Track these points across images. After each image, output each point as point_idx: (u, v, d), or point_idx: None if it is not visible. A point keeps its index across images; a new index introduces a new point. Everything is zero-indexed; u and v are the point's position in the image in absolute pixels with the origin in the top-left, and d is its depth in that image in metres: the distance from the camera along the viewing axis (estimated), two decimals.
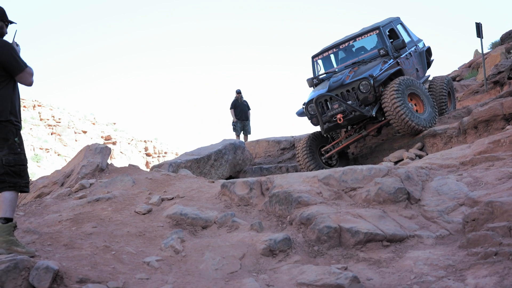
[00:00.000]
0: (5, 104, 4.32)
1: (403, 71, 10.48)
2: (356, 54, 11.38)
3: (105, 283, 4.00)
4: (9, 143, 4.31)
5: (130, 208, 6.26)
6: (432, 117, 9.80)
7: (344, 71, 10.60)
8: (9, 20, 4.58)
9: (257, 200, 6.28)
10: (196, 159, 11.36)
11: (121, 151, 56.12)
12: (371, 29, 11.07)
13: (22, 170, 4.37)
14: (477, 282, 3.66)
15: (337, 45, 11.51)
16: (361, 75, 9.79)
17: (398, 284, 4.00)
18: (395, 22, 11.63)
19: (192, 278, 4.38)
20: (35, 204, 6.86)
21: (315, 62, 11.75)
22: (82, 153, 8.99)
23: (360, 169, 6.28)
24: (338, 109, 9.71)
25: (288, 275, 4.35)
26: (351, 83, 9.76)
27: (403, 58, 10.90)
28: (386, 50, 10.40)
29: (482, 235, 4.30)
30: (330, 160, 10.74)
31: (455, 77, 25.04)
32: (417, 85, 9.81)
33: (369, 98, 9.64)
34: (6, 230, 4.21)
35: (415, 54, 11.79)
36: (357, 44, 11.40)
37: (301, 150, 10.66)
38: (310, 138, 10.82)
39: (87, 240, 5.03)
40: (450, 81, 12.73)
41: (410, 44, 11.81)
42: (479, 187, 5.79)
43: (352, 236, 4.91)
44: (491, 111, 9.32)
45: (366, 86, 9.54)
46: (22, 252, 4.16)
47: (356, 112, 9.59)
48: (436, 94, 12.06)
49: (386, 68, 10.01)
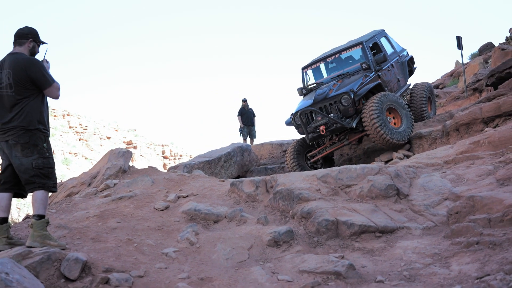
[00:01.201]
0: (34, 115, 4.41)
1: (383, 84, 10.38)
2: (343, 64, 11.32)
3: (128, 272, 4.01)
4: (38, 149, 4.39)
5: (150, 205, 6.26)
6: (408, 131, 9.74)
7: (329, 83, 10.57)
8: (41, 41, 4.68)
9: (263, 197, 6.28)
10: (208, 161, 11.38)
11: (141, 155, 56.11)
12: (355, 44, 10.99)
13: (50, 172, 4.45)
14: (461, 268, 3.64)
15: (324, 58, 11.47)
16: (343, 89, 9.74)
17: (389, 270, 3.99)
18: (378, 36, 11.52)
19: (205, 267, 4.38)
20: (65, 203, 6.88)
21: (304, 73, 11.68)
22: (107, 156, 9.01)
23: (354, 168, 6.27)
24: (321, 121, 9.70)
25: (291, 264, 4.34)
26: (333, 96, 9.72)
27: (385, 70, 10.81)
28: (368, 64, 10.34)
29: (464, 226, 4.29)
30: (315, 164, 10.70)
31: (438, 85, 24.97)
32: (395, 100, 9.73)
33: (350, 111, 9.62)
34: (39, 225, 4.28)
35: (397, 65, 11.67)
36: (344, 55, 11.36)
37: (289, 154, 10.65)
38: (297, 144, 10.78)
39: (111, 234, 5.04)
40: (430, 87, 12.56)
41: (393, 56, 11.67)
42: (461, 183, 5.78)
43: (348, 228, 4.90)
44: (471, 115, 9.29)
45: (347, 100, 9.52)
46: (54, 245, 4.21)
47: (338, 124, 9.57)
48: (417, 100, 11.90)
49: (367, 81, 9.94)
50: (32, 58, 4.50)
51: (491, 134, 7.22)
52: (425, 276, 3.73)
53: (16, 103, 4.38)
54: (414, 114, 11.91)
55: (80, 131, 54.52)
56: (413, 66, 12.73)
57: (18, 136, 4.35)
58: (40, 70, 4.41)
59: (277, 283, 3.92)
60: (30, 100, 4.41)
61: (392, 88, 11.04)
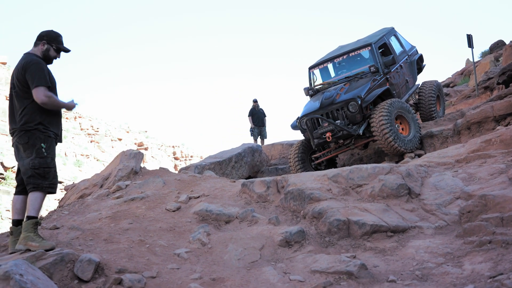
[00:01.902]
0: (34, 115, 4.37)
1: (391, 87, 10.21)
2: (351, 63, 11.07)
3: (140, 273, 4.03)
4: (36, 148, 4.35)
5: (161, 206, 6.28)
6: (416, 139, 9.56)
7: (337, 86, 10.36)
8: (59, 46, 4.61)
9: (274, 197, 6.27)
10: (219, 162, 11.38)
11: (152, 156, 56.28)
12: (363, 45, 10.76)
13: (46, 172, 4.37)
14: (474, 267, 3.62)
15: (332, 58, 11.23)
16: (350, 95, 9.56)
17: (402, 270, 3.97)
18: (388, 35, 11.30)
19: (217, 267, 4.39)
20: (78, 204, 6.92)
21: (311, 73, 11.46)
22: (118, 158, 9.04)
23: (365, 167, 6.25)
24: (327, 127, 9.52)
25: (303, 264, 4.34)
26: (340, 102, 9.53)
27: (393, 72, 10.62)
28: (376, 67, 10.16)
29: (477, 225, 4.26)
30: (319, 166, 10.57)
31: (449, 83, 24.83)
32: (405, 107, 9.56)
33: (357, 118, 9.43)
34: (25, 227, 4.23)
35: (406, 65, 11.49)
36: (353, 55, 11.09)
37: (293, 155, 10.48)
38: (301, 145, 10.61)
39: (124, 235, 5.06)
40: (439, 85, 12.38)
41: (402, 55, 11.48)
42: (473, 182, 5.74)
43: (359, 228, 4.89)
44: (482, 113, 9.24)
45: (354, 106, 9.33)
46: (36, 247, 4.11)
47: (344, 131, 9.42)
48: (426, 99, 11.76)
49: (375, 86, 9.76)
50: (34, 59, 4.43)
51: (503, 132, 7.17)
52: (437, 275, 3.71)
53: (21, 103, 4.38)
54: (423, 113, 11.77)
55: (91, 133, 54.84)
56: (422, 64, 12.55)
57: (20, 137, 4.36)
58: (34, 71, 4.34)
59: (289, 283, 3.92)
60: (30, 100, 4.37)
61: (401, 91, 10.82)
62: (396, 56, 10.83)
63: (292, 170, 10.51)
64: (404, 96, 10.94)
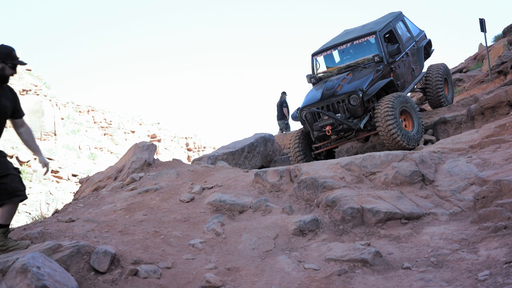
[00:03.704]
0: None
1: (395, 78, 9.97)
2: (356, 51, 10.77)
3: (156, 264, 4.06)
4: None
5: (175, 197, 6.31)
6: (418, 136, 9.30)
7: (339, 76, 10.07)
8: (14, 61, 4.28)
9: (287, 186, 6.27)
10: (232, 152, 11.38)
11: (165, 147, 56.54)
12: (368, 32, 10.43)
13: None
14: (489, 253, 3.60)
15: (336, 45, 10.90)
16: (352, 87, 9.32)
17: (416, 257, 3.96)
18: (394, 21, 10.95)
19: (232, 257, 4.41)
20: (93, 197, 6.97)
21: (314, 60, 11.14)
22: (132, 150, 9.08)
23: (379, 155, 6.22)
24: (327, 121, 9.31)
25: (317, 252, 4.34)
26: (341, 95, 9.28)
27: (399, 61, 10.35)
28: (380, 57, 9.85)
29: (492, 211, 4.23)
30: (319, 156, 10.36)
31: (462, 68, 24.55)
32: (409, 102, 9.30)
33: (358, 111, 9.19)
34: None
35: (413, 52, 11.19)
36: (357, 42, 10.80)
37: (293, 144, 10.26)
38: (302, 134, 10.36)
39: (139, 226, 5.10)
40: (446, 68, 12.00)
41: (409, 42, 11.18)
42: (488, 168, 5.69)
43: (373, 216, 4.88)
44: (496, 98, 9.14)
45: (355, 99, 9.07)
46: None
47: (344, 125, 9.21)
48: (433, 83, 11.44)
49: (378, 77, 9.53)
50: None
51: None
52: (452, 261, 3.69)
53: None
54: (431, 98, 11.48)
55: (105, 126, 55.21)
56: (431, 49, 12.22)
57: None
58: None
59: (303, 271, 3.93)
60: None
61: (406, 80, 10.53)
62: (402, 44, 10.55)
63: (292, 161, 10.32)
64: (409, 86, 10.69)
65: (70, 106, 53.26)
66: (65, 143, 45.05)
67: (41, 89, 43.21)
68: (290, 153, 10.34)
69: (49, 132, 43.22)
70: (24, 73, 42.52)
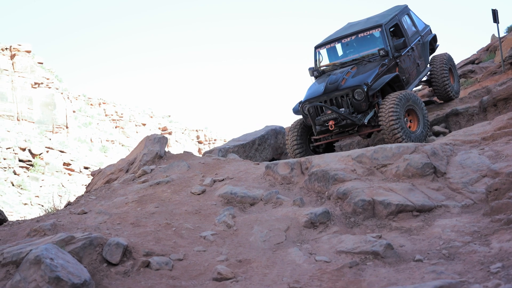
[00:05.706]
0: None
1: (400, 73, 9.75)
2: (360, 44, 10.49)
3: (168, 256, 4.08)
4: None
5: (187, 190, 6.33)
6: (423, 136, 9.12)
7: (343, 69, 9.81)
8: None
9: (298, 179, 6.27)
10: (242, 144, 11.38)
11: (176, 140, 56.80)
12: (374, 26, 10.18)
13: None
14: (501, 245, 3.58)
15: (340, 38, 10.62)
16: (356, 81, 9.09)
17: (428, 249, 3.95)
18: (400, 15, 10.71)
19: (243, 249, 4.42)
20: (105, 189, 7.01)
21: (317, 52, 10.87)
22: (143, 143, 9.11)
23: (390, 147, 6.19)
24: (330, 115, 9.05)
25: (328, 244, 4.34)
26: (345, 88, 9.03)
27: (404, 56, 10.11)
28: (386, 51, 9.59)
29: (504, 203, 4.21)
30: (317, 148, 10.18)
31: (474, 60, 24.34)
32: (416, 101, 9.07)
33: (363, 106, 8.96)
34: None
35: (418, 47, 10.96)
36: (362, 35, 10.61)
37: (291, 137, 9.98)
38: (300, 126, 10.04)
39: (150, 218, 5.12)
40: (449, 57, 11.77)
41: (415, 36, 10.96)
42: (500, 160, 5.65)
43: (384, 208, 4.87)
44: (509, 89, 9.06)
45: (360, 94, 8.83)
46: None
47: (348, 120, 8.96)
48: (438, 74, 11.20)
49: (383, 71, 9.31)
50: None
51: None
52: (464, 254, 3.68)
53: None
54: (437, 89, 11.31)
55: (116, 118, 55.50)
56: (435, 44, 12.04)
57: None
58: None
59: (315, 263, 3.93)
60: None
61: (411, 75, 10.36)
62: (408, 38, 10.36)
63: (288, 151, 10.08)
64: (414, 81, 10.54)
65: (81, 99, 53.58)
66: (77, 136, 45.37)
67: (53, 82, 43.50)
68: (287, 146, 10.10)
69: (61, 125, 43.54)
70: (36, 66, 42.80)
